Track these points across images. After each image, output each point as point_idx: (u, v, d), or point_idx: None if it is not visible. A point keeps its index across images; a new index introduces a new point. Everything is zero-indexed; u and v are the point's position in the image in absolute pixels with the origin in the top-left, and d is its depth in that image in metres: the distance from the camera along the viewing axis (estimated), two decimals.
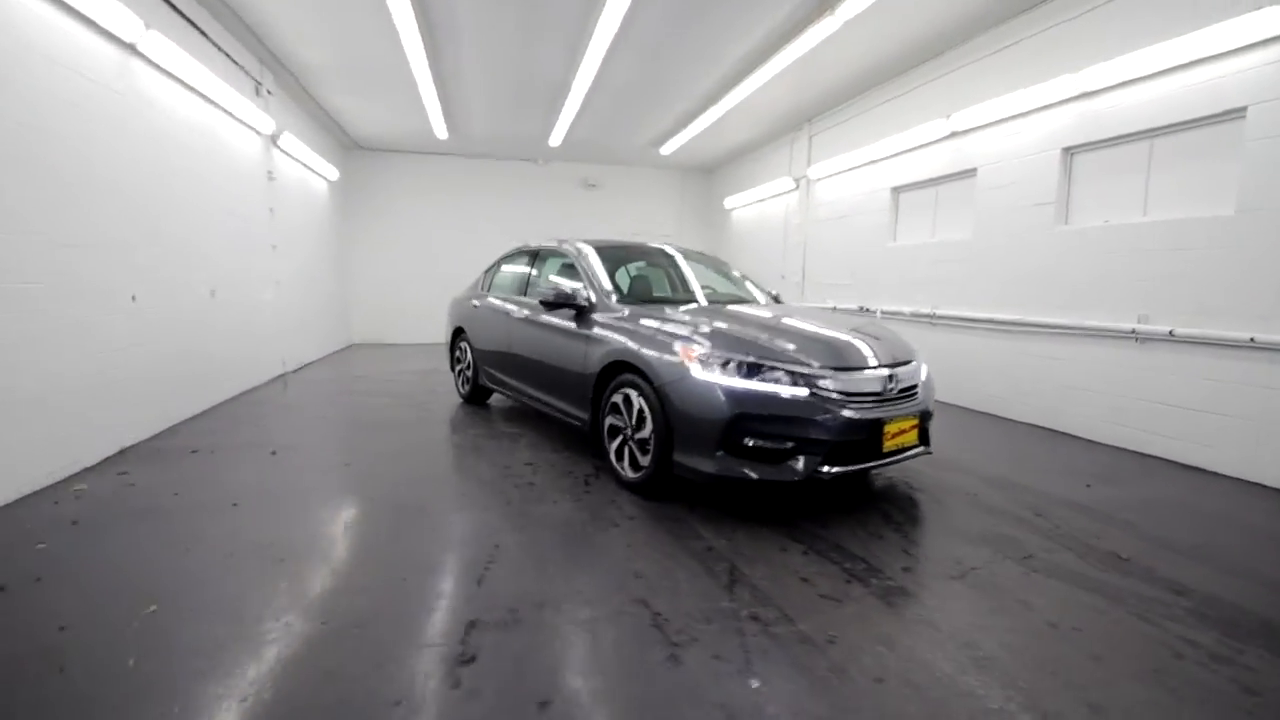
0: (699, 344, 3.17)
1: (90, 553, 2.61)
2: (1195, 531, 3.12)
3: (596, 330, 3.82)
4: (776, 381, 3.00)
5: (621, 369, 3.57)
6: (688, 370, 3.10)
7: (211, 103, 5.43)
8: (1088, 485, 3.79)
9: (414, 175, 11.24)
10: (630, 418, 3.45)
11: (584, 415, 3.94)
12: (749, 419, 2.93)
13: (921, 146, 6.62)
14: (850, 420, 2.99)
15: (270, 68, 6.75)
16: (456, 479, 3.72)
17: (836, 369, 3.08)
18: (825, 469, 2.98)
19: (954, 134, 6.16)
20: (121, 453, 4.04)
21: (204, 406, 5.31)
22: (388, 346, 10.86)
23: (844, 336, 3.40)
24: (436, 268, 11.43)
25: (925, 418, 3.38)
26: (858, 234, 7.81)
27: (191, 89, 5.06)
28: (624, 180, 12.17)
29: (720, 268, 5.20)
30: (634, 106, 8.27)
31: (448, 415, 5.45)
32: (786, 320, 3.67)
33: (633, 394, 3.42)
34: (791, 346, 3.15)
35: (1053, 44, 5.07)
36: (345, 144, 10.42)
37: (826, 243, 8.52)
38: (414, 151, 11.08)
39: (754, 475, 2.96)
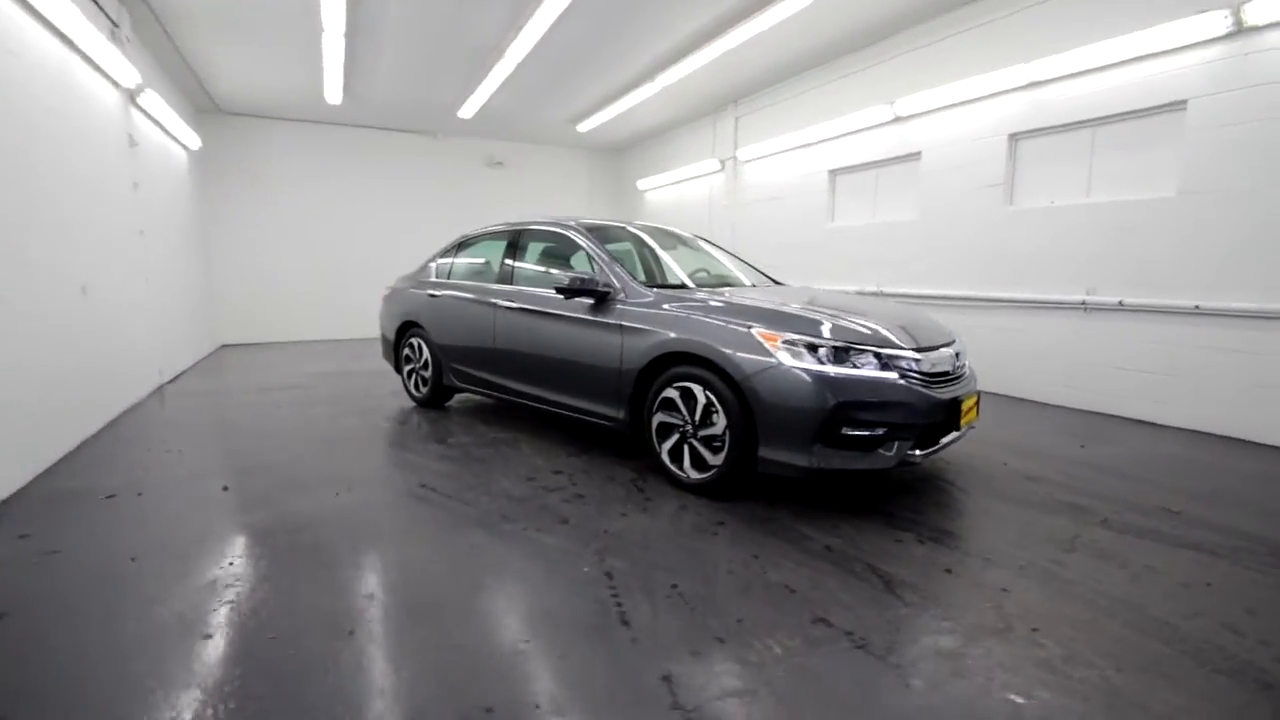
0: (785, 330, 2.95)
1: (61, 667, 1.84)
2: (1200, 479, 3.48)
3: (631, 320, 3.44)
4: (868, 366, 2.86)
5: (675, 361, 3.24)
6: (775, 359, 2.86)
7: (68, 43, 4.16)
8: (1082, 446, 4.13)
9: (292, 146, 9.73)
10: (691, 414, 3.15)
11: (617, 414, 3.56)
12: (848, 407, 2.77)
13: (862, 130, 6.84)
14: (938, 401, 2.94)
15: (127, 4, 5.36)
16: (489, 502, 3.18)
17: (919, 349, 3.01)
18: (916, 453, 2.92)
19: (898, 119, 6.42)
20: (4, 503, 3.00)
21: (87, 434, 4.14)
22: (268, 347, 9.37)
23: (911, 316, 3.36)
24: (324, 254, 10.07)
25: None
26: (793, 215, 7.97)
27: (45, 21, 3.83)
28: (531, 158, 11.48)
29: (695, 245, 4.86)
30: (567, 78, 7.73)
31: (408, 423, 4.73)
32: (833, 302, 3.55)
33: (696, 388, 3.12)
34: (870, 328, 3.03)
35: (1001, 34, 5.41)
36: (203, 106, 8.72)
37: (758, 224, 8.61)
38: (293, 119, 9.57)
39: (851, 466, 2.82)
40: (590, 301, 3.70)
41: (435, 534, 2.75)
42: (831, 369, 2.81)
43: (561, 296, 3.87)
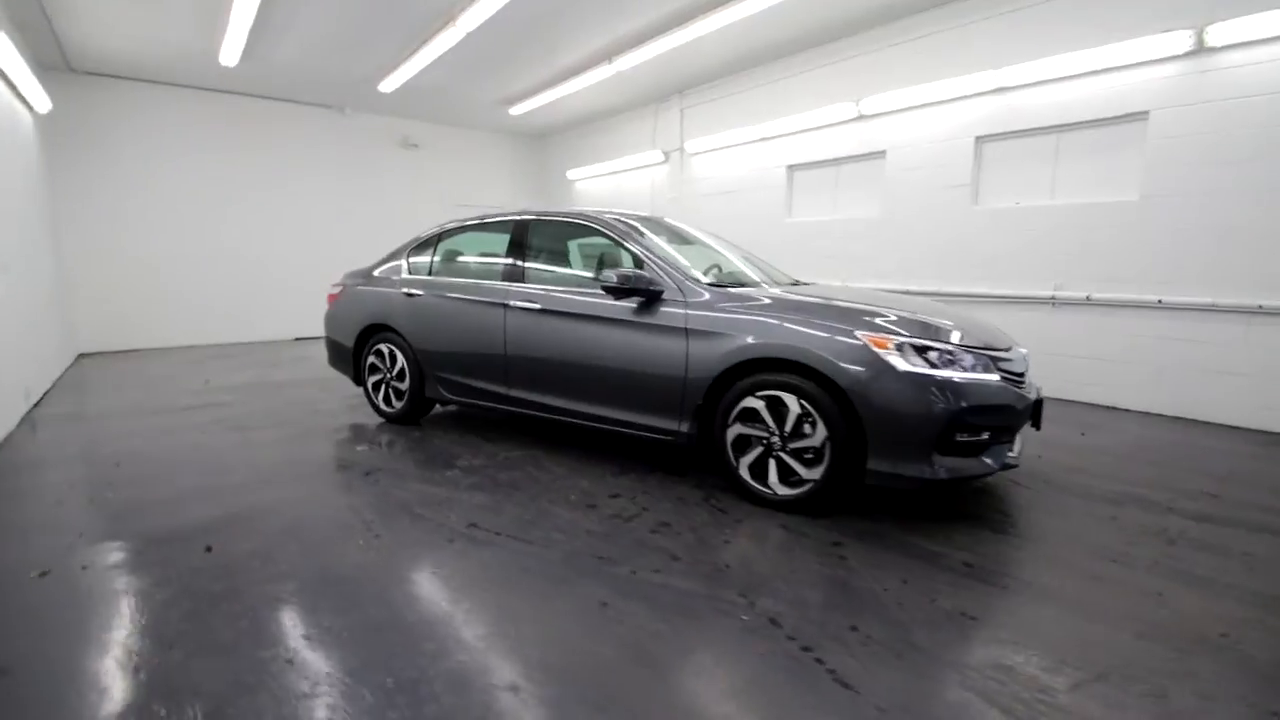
0: (894, 331, 2.76)
1: None
2: (1204, 461, 3.79)
3: (699, 324, 3.11)
4: (976, 369, 2.76)
5: (757, 368, 2.96)
6: (886, 363, 2.68)
7: None
8: (1082, 434, 4.38)
9: (172, 116, 8.18)
10: (780, 425, 2.89)
11: (677, 428, 3.22)
12: (967, 412, 2.65)
13: (825, 127, 6.90)
14: (1030, 403, 2.92)
15: None
16: (566, 540, 2.70)
17: (1008, 351, 2.97)
18: (1012, 455, 2.88)
19: (862, 117, 6.54)
20: None
21: None
22: (141, 355, 7.85)
23: (970, 316, 3.32)
24: (209, 244, 8.62)
25: None
26: (748, 210, 7.92)
27: None
28: (450, 142, 10.56)
29: (695, 239, 4.51)
30: (518, 54, 7.10)
31: (394, 446, 4.05)
32: (891, 301, 3.43)
33: (787, 397, 2.86)
34: (962, 330, 2.93)
35: (970, 40, 5.63)
36: (51, 63, 7.04)
37: (708, 218, 8.46)
38: (170, 83, 8.03)
39: (965, 473, 2.71)
40: (635, 303, 3.32)
41: (541, 589, 2.27)
42: (947, 373, 2.68)
43: (603, 297, 3.45)
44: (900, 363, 2.67)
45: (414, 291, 4.30)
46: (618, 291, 3.30)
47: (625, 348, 3.33)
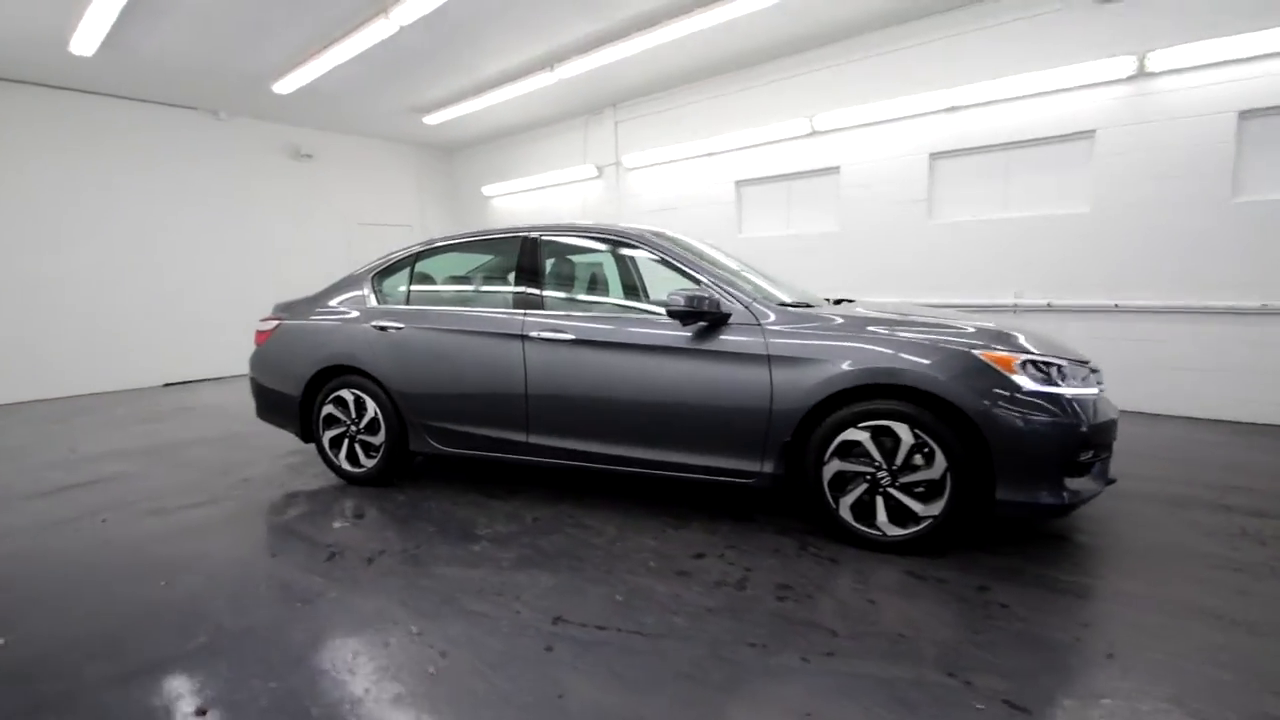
0: (1018, 349, 2.56)
1: None
2: (1201, 453, 4.01)
3: (783, 349, 2.74)
4: (1087, 384, 2.64)
5: (852, 396, 2.64)
6: (1013, 383, 2.46)
7: None
8: None
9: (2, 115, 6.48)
10: (889, 458, 2.59)
11: (758, 468, 2.81)
12: (1094, 431, 2.50)
13: (776, 142, 6.87)
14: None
15: None
16: (688, 624, 2.17)
17: (1090, 362, 2.89)
18: (1111, 474, 2.79)
19: (815, 133, 6.57)
20: None
21: None
22: None
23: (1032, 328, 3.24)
24: (58, 273, 6.93)
25: None
26: (694, 227, 7.68)
27: None
28: (348, 153, 9.43)
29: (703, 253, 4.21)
30: (443, 56, 6.39)
31: (385, 517, 3.26)
32: (946, 316, 3.28)
33: (899, 426, 2.56)
34: (1051, 345, 2.81)
35: (922, 59, 5.81)
36: None
37: None
38: (3, 77, 6.37)
39: (1087, 495, 2.56)
40: (694, 329, 2.89)
41: (722, 704, 1.74)
42: (1069, 389, 2.51)
43: (653, 324, 2.99)
44: (1027, 382, 2.47)
45: (389, 325, 3.53)
46: (686, 316, 2.84)
47: (689, 381, 2.88)
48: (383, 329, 3.55)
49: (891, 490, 2.62)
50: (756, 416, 2.77)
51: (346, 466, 3.71)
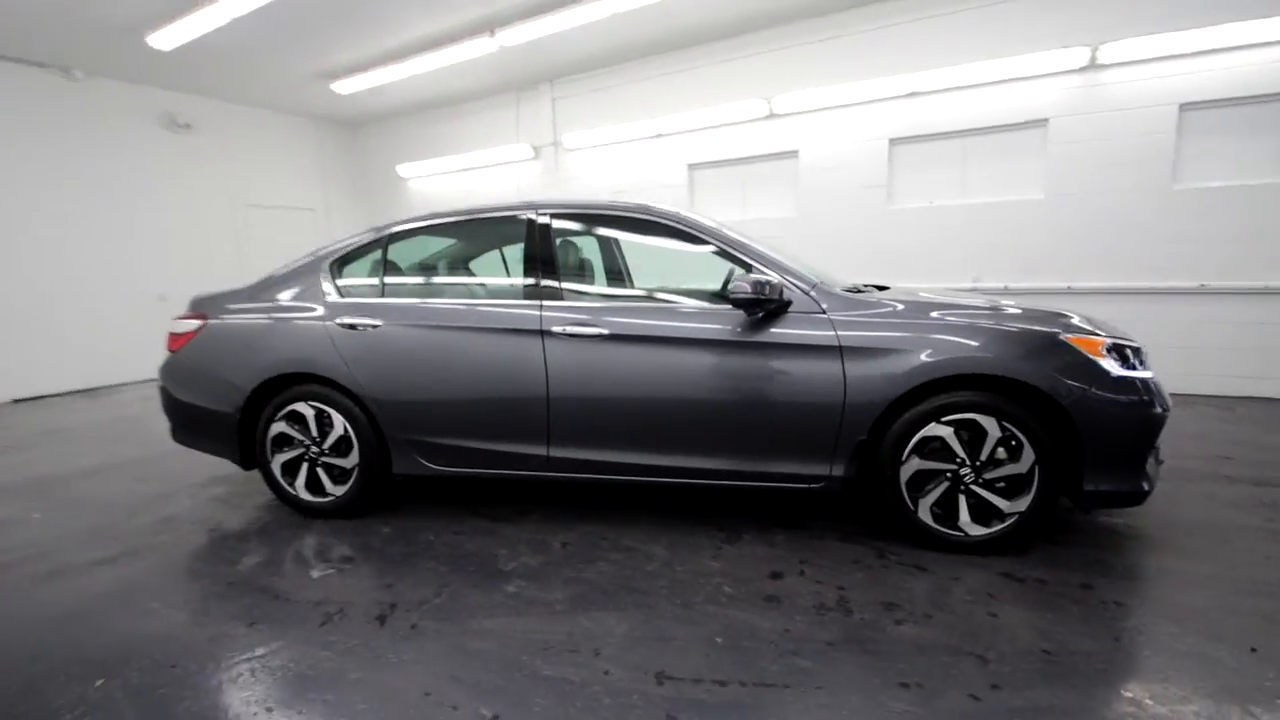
0: (1099, 332, 2.44)
1: None
2: (1184, 427, 4.24)
3: (855, 340, 2.46)
4: (1151, 368, 2.58)
5: (941, 387, 2.42)
6: (1101, 368, 2.34)
7: None
8: None
9: None
10: (972, 454, 2.41)
11: (826, 471, 2.53)
12: (1166, 414, 2.44)
13: (732, 124, 6.63)
14: None
15: None
16: (825, 670, 1.84)
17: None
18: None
19: (773, 115, 6.40)
20: None
21: None
22: None
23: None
24: None
25: None
26: None
27: None
28: (234, 124, 8.14)
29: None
30: (362, 11, 5.55)
31: (360, 562, 2.66)
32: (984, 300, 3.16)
33: (985, 419, 2.38)
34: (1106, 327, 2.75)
35: (882, 43, 5.78)
36: None
37: None
38: None
39: (1156, 481, 2.51)
40: (747, 319, 2.56)
41: None
42: (1145, 373, 2.44)
43: (695, 316, 2.64)
44: (1114, 367, 2.36)
45: (361, 322, 2.90)
46: (752, 305, 2.50)
47: (749, 378, 2.54)
48: (351, 327, 2.91)
49: (975, 487, 2.44)
50: (827, 415, 2.49)
51: (306, 496, 3.04)
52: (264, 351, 2.99)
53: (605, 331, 2.65)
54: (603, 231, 3.20)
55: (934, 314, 2.52)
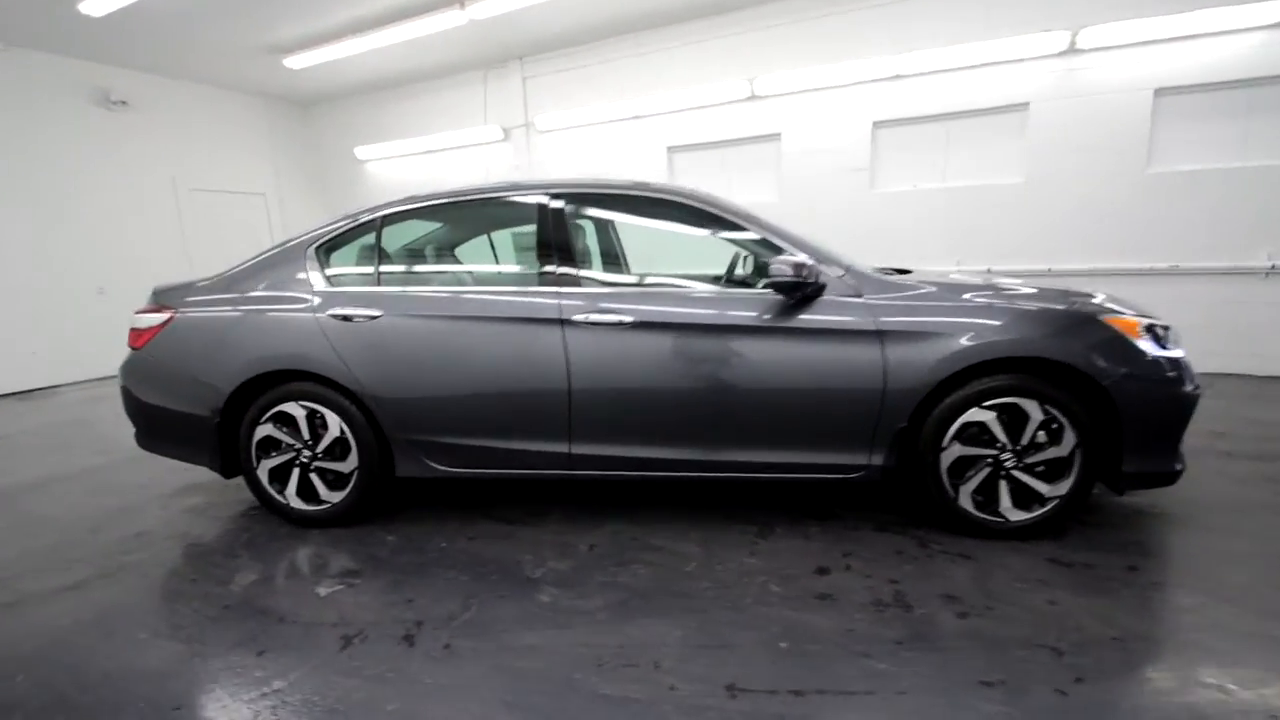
0: (1132, 312, 2.42)
1: None
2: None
3: (894, 323, 2.38)
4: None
5: (980, 371, 2.36)
6: (1139, 349, 2.32)
7: None
8: None
9: None
10: (1014, 438, 2.36)
11: (864, 460, 2.45)
12: (1199, 393, 2.45)
13: (713, 106, 6.49)
14: None
15: None
16: (904, 675, 1.74)
17: None
18: None
19: (755, 97, 6.29)
20: None
21: None
22: None
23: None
24: None
25: None
26: None
27: None
28: (175, 102, 7.52)
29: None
30: None
31: (371, 576, 2.44)
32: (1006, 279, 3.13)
33: (1027, 403, 2.33)
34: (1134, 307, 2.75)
35: (867, 24, 5.72)
36: None
37: None
38: None
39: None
40: (777, 304, 2.45)
41: None
42: (1178, 352, 2.43)
43: (719, 302, 2.52)
44: (1151, 347, 2.35)
45: (358, 314, 2.64)
46: (793, 289, 2.37)
47: (786, 364, 2.42)
48: (345, 319, 2.65)
49: (1016, 472, 2.40)
50: (867, 401, 2.40)
51: (299, 504, 2.78)
52: (245, 347, 2.71)
53: (630, 319, 2.49)
54: (624, 214, 3.02)
55: (968, 296, 2.46)
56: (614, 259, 3.08)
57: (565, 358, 2.51)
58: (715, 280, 3.34)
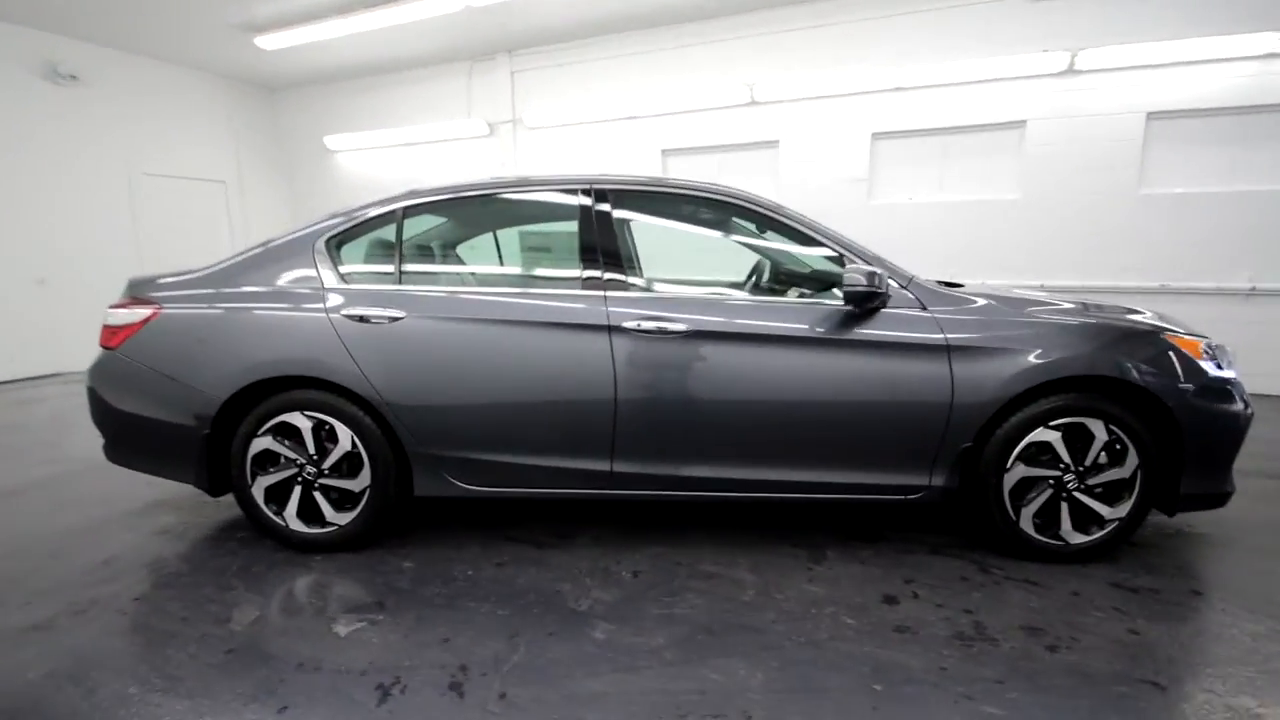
0: (1195, 333, 2.38)
1: None
2: None
3: (962, 338, 2.27)
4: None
5: (1043, 390, 2.28)
6: (1202, 369, 2.29)
7: None
8: None
9: None
10: (1078, 458, 2.29)
11: (930, 480, 2.34)
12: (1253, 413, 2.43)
13: (711, 110, 6.38)
14: None
15: None
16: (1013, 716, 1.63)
17: None
18: None
19: (754, 103, 6.21)
20: None
21: None
22: None
23: None
24: None
25: None
26: None
27: None
28: (130, 78, 6.95)
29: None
30: None
31: (397, 608, 2.18)
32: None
33: (1092, 422, 2.26)
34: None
35: (869, 35, 5.72)
36: None
37: None
38: None
39: None
40: (839, 315, 2.32)
41: None
42: (1234, 373, 2.41)
43: (774, 312, 2.39)
44: (1211, 368, 2.32)
45: (377, 314, 2.38)
46: (865, 299, 2.24)
47: (851, 378, 2.29)
48: (362, 320, 2.39)
49: (1077, 494, 2.33)
50: (934, 419, 2.29)
51: (299, 527, 2.48)
52: (243, 350, 2.41)
53: (683, 328, 2.31)
54: (674, 214, 2.83)
55: (1033, 311, 2.38)
56: (660, 262, 2.91)
57: (612, 368, 2.31)
58: (737, 287, 3.23)
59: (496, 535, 2.66)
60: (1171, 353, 2.29)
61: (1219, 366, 2.36)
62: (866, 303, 2.26)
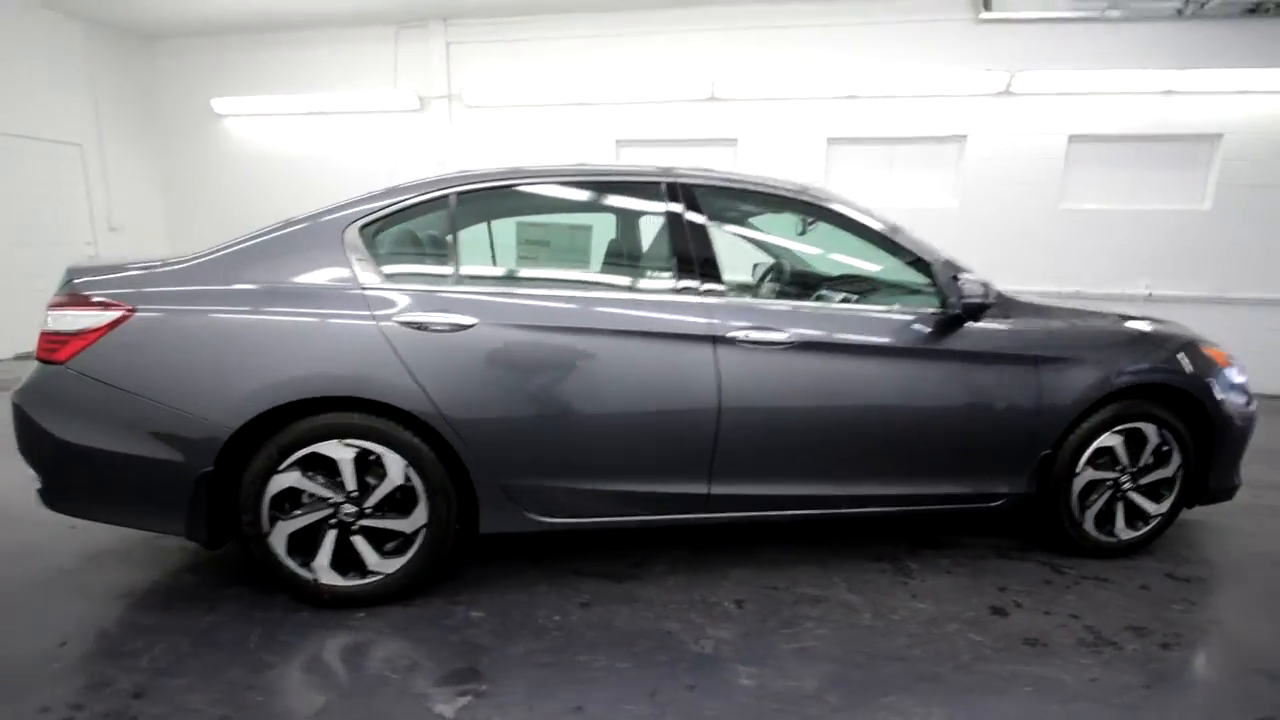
0: (1215, 343, 2.60)
1: None
2: None
3: (1044, 348, 2.34)
4: None
5: (1116, 397, 2.40)
6: (1229, 376, 2.52)
7: None
8: None
9: None
10: (1135, 460, 2.44)
11: (1011, 488, 2.39)
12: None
13: (670, 102, 6.21)
14: None
15: None
16: None
17: None
18: None
19: (715, 98, 6.13)
20: None
21: None
22: None
23: None
24: None
25: None
26: None
27: None
28: None
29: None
30: None
31: (501, 675, 1.85)
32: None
33: (1147, 427, 2.42)
34: None
35: (826, 41, 5.83)
36: None
37: None
38: None
39: None
40: (931, 323, 2.30)
41: None
42: (1245, 378, 2.68)
43: (869, 326, 2.32)
44: (1235, 374, 2.57)
45: (438, 320, 1.98)
46: (978, 310, 2.21)
47: (951, 389, 2.28)
48: (421, 327, 1.98)
49: (1131, 494, 2.49)
50: (1023, 428, 2.34)
51: (332, 580, 2.02)
52: (262, 364, 1.92)
53: (789, 339, 2.16)
54: (773, 217, 2.65)
55: (1099, 323, 2.52)
56: (772, 269, 2.72)
57: (717, 382, 2.11)
58: (745, 289, 3.03)
59: (559, 570, 2.36)
60: (1210, 361, 2.50)
61: (1239, 373, 2.62)
62: (980, 314, 2.25)
